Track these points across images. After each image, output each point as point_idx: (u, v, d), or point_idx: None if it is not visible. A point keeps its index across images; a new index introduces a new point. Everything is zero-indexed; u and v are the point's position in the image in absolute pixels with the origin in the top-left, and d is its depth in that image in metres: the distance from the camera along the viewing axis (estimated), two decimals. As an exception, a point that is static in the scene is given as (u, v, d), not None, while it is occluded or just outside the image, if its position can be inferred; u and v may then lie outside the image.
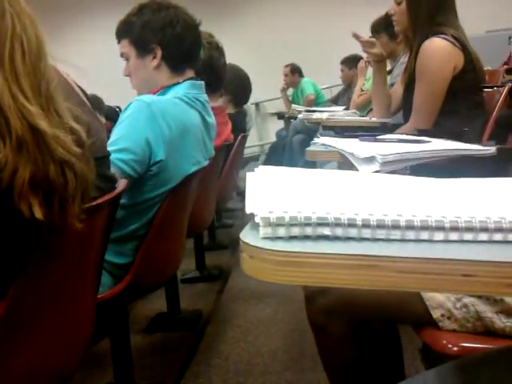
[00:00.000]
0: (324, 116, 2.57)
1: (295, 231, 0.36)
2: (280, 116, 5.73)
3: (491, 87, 2.19)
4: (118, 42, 1.64)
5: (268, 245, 0.35)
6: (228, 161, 2.65)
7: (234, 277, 2.68)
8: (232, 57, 2.60)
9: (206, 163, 1.69)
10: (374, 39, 2.12)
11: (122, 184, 1.13)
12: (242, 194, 4.32)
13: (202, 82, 1.69)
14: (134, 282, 1.38)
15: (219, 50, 2.37)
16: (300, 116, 3.10)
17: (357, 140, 1.14)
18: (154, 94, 1.59)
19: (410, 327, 1.13)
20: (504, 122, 2.08)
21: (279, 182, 0.49)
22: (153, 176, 1.46)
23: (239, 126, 2.90)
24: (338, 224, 0.36)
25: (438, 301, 0.87)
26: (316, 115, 2.75)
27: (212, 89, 2.38)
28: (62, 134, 0.76)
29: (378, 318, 0.95)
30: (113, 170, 1.16)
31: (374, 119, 2.21)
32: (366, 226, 0.36)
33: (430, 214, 0.36)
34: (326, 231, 0.36)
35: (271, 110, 7.04)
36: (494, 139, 1.67)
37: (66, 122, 0.79)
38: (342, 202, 0.41)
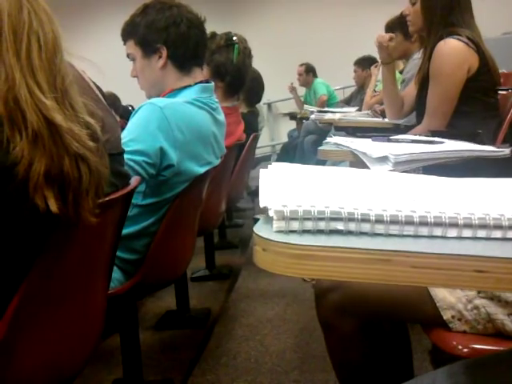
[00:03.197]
0: (336, 117, 2.57)
1: (308, 225, 0.36)
2: (292, 116, 5.72)
3: (506, 90, 2.18)
4: (124, 43, 1.65)
5: (281, 238, 0.35)
6: (239, 160, 2.65)
7: (243, 276, 2.69)
8: (245, 56, 2.61)
9: (217, 162, 1.70)
10: (393, 34, 2.10)
11: (135, 181, 1.14)
12: (252, 194, 4.32)
13: (212, 85, 1.69)
14: (145, 278, 1.39)
15: (250, 56, 2.39)
16: (312, 116, 3.09)
17: (369, 140, 1.13)
18: (164, 96, 1.60)
19: (419, 328, 1.12)
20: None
21: (292, 178, 0.50)
22: (166, 181, 1.47)
23: (251, 125, 2.91)
24: (351, 219, 0.36)
25: (449, 302, 0.87)
26: (328, 116, 2.75)
27: (232, 92, 2.39)
28: (76, 128, 0.77)
29: (388, 316, 0.95)
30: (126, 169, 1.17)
31: (386, 120, 2.20)
32: (379, 221, 0.36)
33: (444, 210, 0.36)
34: (340, 226, 0.36)
35: (283, 111, 7.03)
36: (508, 142, 1.66)
37: (81, 117, 0.80)
38: (356, 198, 0.41)
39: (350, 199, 0.40)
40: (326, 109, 3.67)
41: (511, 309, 0.84)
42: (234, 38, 2.35)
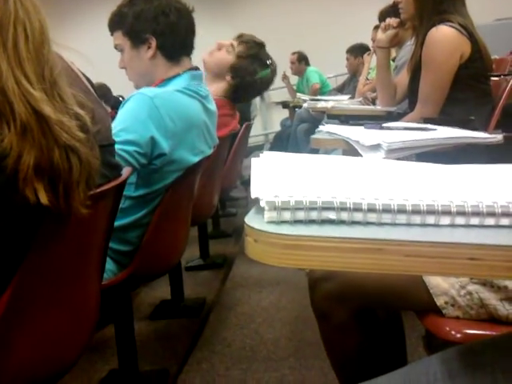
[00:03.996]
0: (329, 105, 2.56)
1: (300, 215, 0.36)
2: (285, 105, 5.70)
3: (498, 76, 2.17)
4: (111, 34, 1.63)
5: (273, 228, 0.35)
6: (232, 149, 2.64)
7: (237, 265, 2.69)
8: (238, 45, 2.58)
9: (210, 151, 1.69)
10: (396, 21, 2.07)
11: (126, 172, 1.13)
12: (246, 183, 4.32)
13: (201, 72, 1.68)
14: (139, 268, 1.38)
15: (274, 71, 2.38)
16: (305, 105, 3.08)
17: (362, 128, 1.13)
18: (154, 86, 1.58)
19: (412, 314, 1.13)
20: (511, 110, 2.06)
21: (284, 168, 0.49)
22: (157, 170, 1.46)
23: (244, 114, 2.89)
24: (343, 208, 0.36)
25: (442, 288, 0.87)
26: (321, 104, 2.74)
27: (233, 95, 2.36)
28: (66, 120, 0.76)
29: (382, 304, 0.95)
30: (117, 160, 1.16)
31: (379, 108, 2.20)
32: (371, 210, 0.36)
33: (437, 198, 0.36)
34: (332, 215, 0.36)
35: (276, 99, 7.01)
36: (500, 128, 1.66)
37: (71, 108, 0.79)
38: (348, 187, 0.41)
39: (342, 188, 0.40)
40: (318, 97, 3.66)
41: (504, 294, 0.85)
42: (269, 62, 2.35)
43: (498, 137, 0.95)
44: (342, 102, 2.84)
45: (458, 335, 0.85)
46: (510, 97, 2.22)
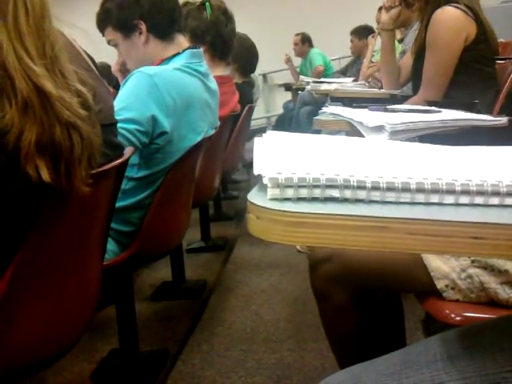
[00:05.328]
0: (332, 87, 2.54)
1: (303, 192, 0.35)
2: (287, 87, 5.67)
3: (504, 59, 2.15)
4: (103, 34, 1.63)
5: (276, 205, 0.34)
6: (234, 131, 2.63)
7: (238, 247, 2.70)
8: (240, 26, 2.56)
9: (212, 132, 1.68)
10: None
11: (128, 151, 1.13)
12: (247, 166, 4.31)
13: (201, 50, 1.67)
14: (140, 249, 1.39)
15: (227, 15, 2.33)
16: (308, 87, 3.06)
17: (366, 110, 1.12)
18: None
19: (412, 298, 1.13)
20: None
21: (287, 146, 0.49)
22: (159, 149, 1.46)
23: (246, 96, 2.88)
24: (346, 186, 0.35)
25: (443, 271, 0.88)
26: (324, 86, 2.71)
27: (218, 55, 2.34)
28: (67, 96, 0.76)
29: (382, 286, 0.96)
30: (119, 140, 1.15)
31: (382, 90, 2.18)
32: (375, 188, 0.35)
33: (441, 176, 0.36)
34: (335, 193, 0.35)
35: (279, 82, 6.96)
36: (504, 112, 1.65)
37: (72, 85, 0.78)
38: (351, 165, 0.40)
39: (346, 166, 0.39)
40: (321, 79, 3.63)
41: (504, 278, 0.85)
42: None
43: (502, 120, 0.94)
44: (346, 85, 2.82)
45: (458, 318, 0.85)
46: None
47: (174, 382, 1.54)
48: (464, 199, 0.36)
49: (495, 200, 0.35)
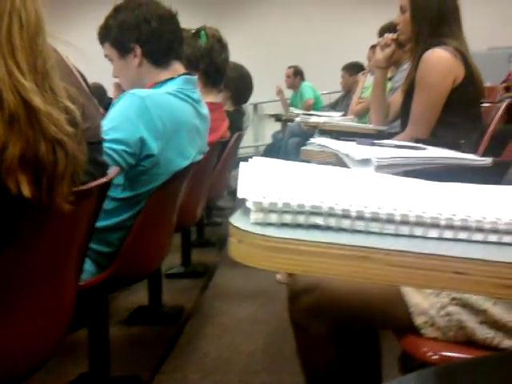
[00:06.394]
0: (321, 120, 2.57)
1: (287, 218, 0.35)
2: (277, 118, 5.72)
3: (489, 102, 2.20)
4: (102, 46, 1.66)
5: (258, 230, 0.34)
6: (222, 158, 2.63)
7: (218, 275, 2.67)
8: (233, 56, 2.60)
9: (199, 157, 1.68)
10: (395, 35, 2.07)
11: (113, 171, 1.12)
12: (233, 194, 4.30)
13: (195, 78, 1.68)
14: (118, 271, 1.36)
15: (221, 43, 2.36)
16: (297, 119, 3.09)
17: (354, 143, 1.13)
18: (148, 88, 1.59)
19: (390, 335, 1.12)
20: (499, 136, 2.09)
21: (273, 172, 0.48)
22: (145, 171, 1.45)
23: (236, 124, 2.89)
24: (331, 214, 0.35)
25: (422, 308, 0.87)
26: (313, 119, 2.75)
27: (211, 82, 2.37)
28: (55, 113, 0.75)
29: (361, 321, 0.94)
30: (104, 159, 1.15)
31: (370, 126, 2.21)
32: (359, 217, 0.35)
33: (426, 210, 0.36)
34: (319, 220, 0.35)
35: (269, 112, 7.04)
36: (488, 153, 1.68)
37: (61, 101, 0.78)
38: (337, 194, 0.40)
39: (331, 194, 0.39)
40: (311, 112, 3.68)
41: (483, 317, 0.84)
42: (200, 27, 2.34)
43: (487, 160, 0.95)
44: (335, 119, 2.86)
45: (435, 357, 0.84)
46: (500, 123, 2.25)
47: (143, 409, 1.49)
48: (448, 234, 0.35)
49: (479, 236, 0.35)
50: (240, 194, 0.37)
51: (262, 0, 7.69)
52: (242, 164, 0.52)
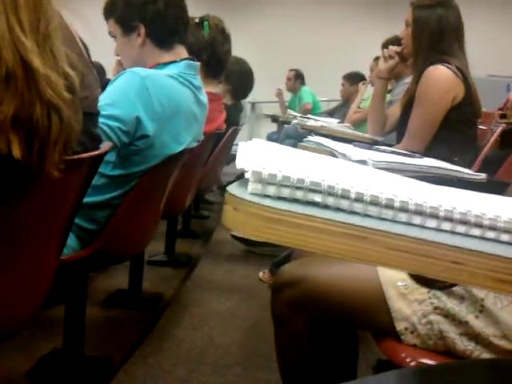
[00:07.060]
0: (318, 124, 2.57)
1: (285, 192, 0.34)
2: (274, 119, 5.72)
3: (484, 127, 2.23)
4: (107, 22, 1.65)
5: (256, 199, 0.33)
6: (216, 150, 2.62)
7: (201, 267, 2.66)
8: (236, 50, 2.59)
9: (194, 144, 1.67)
10: (400, 48, 2.07)
11: (106, 146, 1.10)
12: (222, 189, 4.29)
13: (198, 64, 1.67)
14: (101, 249, 1.35)
15: (224, 35, 2.35)
16: (294, 121, 3.08)
17: (350, 145, 1.13)
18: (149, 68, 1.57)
19: (365, 342, 1.12)
20: (492, 160, 2.11)
21: (274, 151, 0.48)
22: (138, 151, 1.43)
23: (233, 118, 2.89)
24: (330, 193, 0.34)
25: (405, 314, 0.87)
26: (310, 122, 2.74)
27: (212, 73, 2.35)
28: (54, 76, 0.74)
29: (342, 319, 0.94)
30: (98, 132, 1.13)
31: (366, 135, 2.22)
32: (358, 200, 0.34)
33: (426, 200, 0.35)
34: (317, 198, 0.34)
35: (266, 112, 7.03)
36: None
37: (61, 66, 0.76)
38: (336, 175, 0.39)
39: (331, 175, 0.38)
40: (309, 115, 3.68)
41: (464, 329, 0.84)
42: (204, 16, 2.33)
43: (481, 175, 0.95)
44: (332, 124, 2.86)
45: (413, 363, 0.84)
46: (493, 147, 2.27)
47: (112, 392, 1.48)
48: (446, 225, 0.35)
49: (476, 231, 0.35)
50: (239, 165, 0.37)
51: (266, 0, 7.69)
52: (240, 143, 0.51)
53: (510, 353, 0.82)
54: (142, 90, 1.38)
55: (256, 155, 0.39)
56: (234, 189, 0.35)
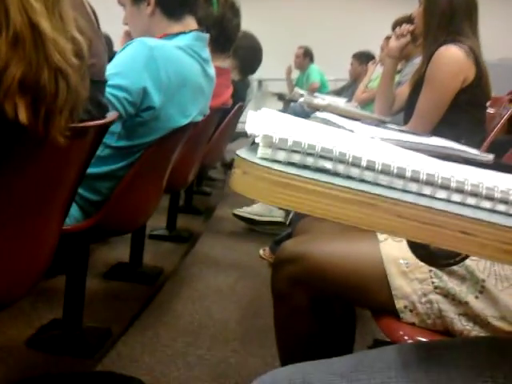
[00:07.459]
0: (325, 103, 2.55)
1: (296, 158, 0.34)
2: (280, 97, 5.68)
3: (493, 110, 2.20)
4: None
5: (265, 163, 0.33)
6: (221, 126, 2.61)
7: (202, 242, 2.67)
8: (245, 25, 2.55)
9: (199, 118, 1.66)
10: (412, 27, 2.04)
11: (112, 115, 1.09)
12: (226, 166, 4.28)
13: (207, 36, 1.65)
14: (104, 220, 1.35)
15: (234, 9, 2.32)
16: (301, 99, 3.06)
17: (358, 122, 1.11)
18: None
19: (362, 321, 1.12)
20: (499, 145, 2.09)
21: (284, 119, 0.47)
22: (143, 123, 1.42)
23: (240, 94, 2.86)
24: (341, 160, 0.34)
25: (405, 292, 0.87)
26: (317, 101, 2.72)
27: (220, 48, 2.33)
28: (62, 41, 0.73)
29: (342, 296, 0.94)
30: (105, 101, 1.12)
31: (374, 115, 2.20)
32: (370, 168, 0.34)
33: (437, 171, 0.35)
34: (328, 165, 0.34)
35: (273, 90, 6.97)
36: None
37: (69, 30, 0.75)
38: (347, 143, 0.39)
39: (342, 142, 0.38)
40: (316, 94, 3.65)
41: (463, 309, 0.85)
42: None
43: (489, 156, 0.94)
44: (339, 103, 2.84)
45: (410, 341, 0.84)
46: (501, 132, 2.25)
47: (111, 361, 1.49)
48: (456, 197, 0.34)
49: (487, 204, 0.34)
50: (249, 130, 0.36)
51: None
52: (249, 112, 0.50)
53: (508, 334, 0.82)
54: (150, 61, 1.37)
55: (266, 121, 0.39)
56: (243, 153, 0.34)
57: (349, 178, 0.34)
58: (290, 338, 0.99)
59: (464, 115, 1.82)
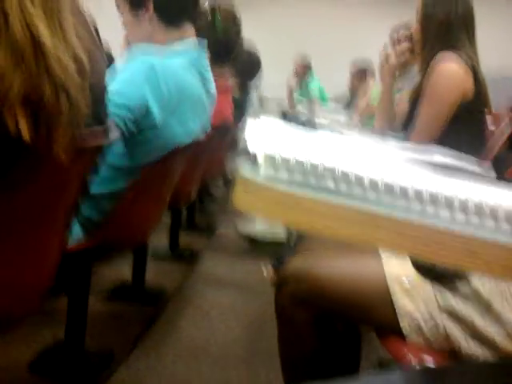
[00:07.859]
0: (326, 122, 2.56)
1: (298, 177, 0.33)
2: (283, 114, 5.70)
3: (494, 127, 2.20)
4: None
5: (268, 182, 0.32)
6: (224, 143, 2.61)
7: (204, 261, 2.66)
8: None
9: (201, 136, 1.66)
10: (411, 45, 2.04)
11: (114, 134, 1.09)
12: (228, 184, 4.28)
13: (205, 42, 1.63)
14: (106, 239, 1.34)
15: (236, 25, 2.32)
16: (303, 119, 3.08)
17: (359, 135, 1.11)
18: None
19: (367, 341, 1.10)
20: (500, 161, 2.08)
21: (284, 130, 0.46)
22: (146, 142, 1.42)
23: (241, 108, 2.86)
24: (344, 180, 0.34)
25: (409, 311, 0.86)
26: (319, 121, 2.74)
27: (219, 62, 2.32)
28: (64, 58, 0.73)
29: (346, 315, 0.93)
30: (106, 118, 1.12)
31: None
32: (373, 188, 0.34)
33: (440, 189, 0.34)
34: (330, 184, 0.34)
35: (273, 106, 7.01)
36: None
37: (70, 43, 0.75)
38: (350, 159, 0.38)
39: (344, 159, 0.37)
40: (317, 106, 3.66)
41: (468, 328, 0.83)
42: (214, 6, 2.29)
43: (491, 173, 0.94)
44: (339, 122, 2.85)
45: (416, 362, 0.83)
46: (502, 149, 2.25)
47: (114, 384, 1.48)
48: (460, 216, 0.34)
49: (491, 223, 0.34)
50: (250, 148, 0.36)
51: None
52: (248, 119, 0.49)
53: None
54: (152, 79, 1.37)
55: (267, 136, 0.38)
56: (244, 170, 0.34)
57: (351, 196, 0.34)
58: (294, 359, 0.97)
59: (463, 129, 1.82)
